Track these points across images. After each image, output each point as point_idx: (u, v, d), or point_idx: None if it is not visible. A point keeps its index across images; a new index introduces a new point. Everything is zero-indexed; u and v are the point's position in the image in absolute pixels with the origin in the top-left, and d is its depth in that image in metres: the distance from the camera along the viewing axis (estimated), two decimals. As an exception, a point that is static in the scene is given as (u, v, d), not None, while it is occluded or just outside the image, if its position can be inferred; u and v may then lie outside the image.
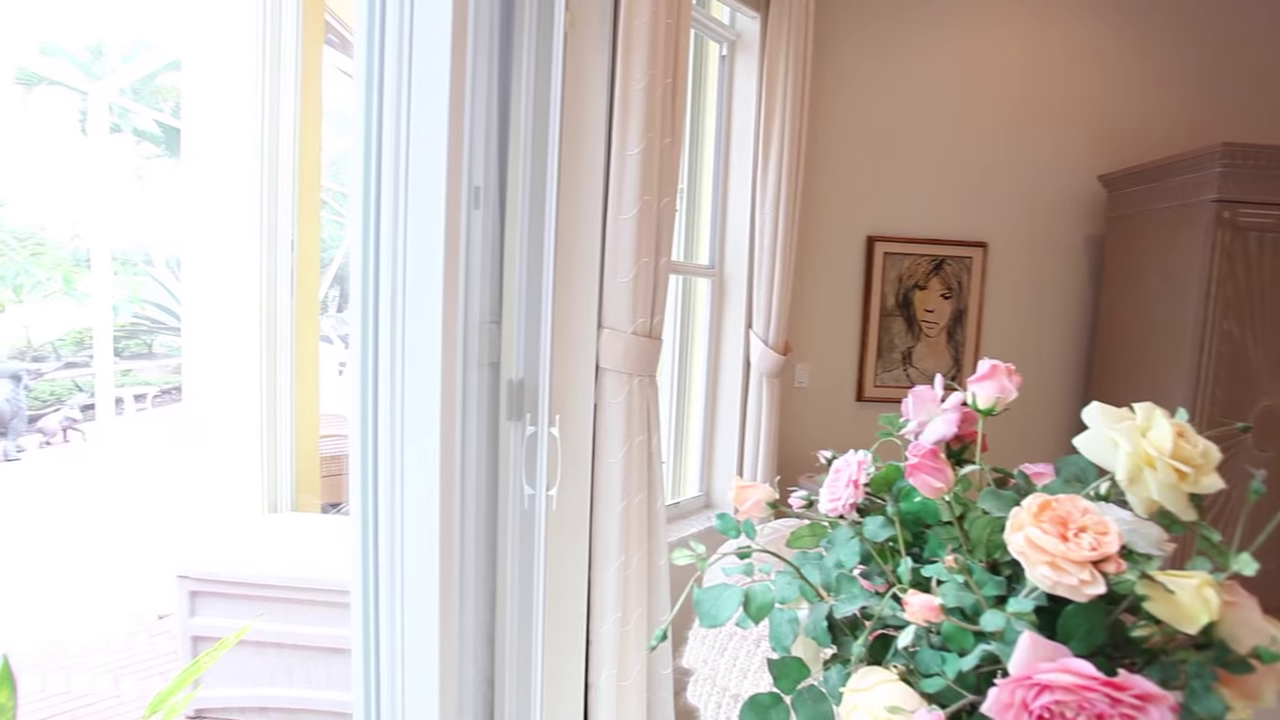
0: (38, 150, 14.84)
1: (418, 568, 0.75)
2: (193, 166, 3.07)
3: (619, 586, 1.72)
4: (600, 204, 1.62)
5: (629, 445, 1.67)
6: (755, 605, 0.72)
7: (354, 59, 2.71)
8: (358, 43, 0.74)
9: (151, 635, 3.07)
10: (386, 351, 0.70)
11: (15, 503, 4.91)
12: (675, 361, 2.70)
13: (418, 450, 0.72)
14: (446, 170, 0.70)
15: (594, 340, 1.64)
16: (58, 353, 9.36)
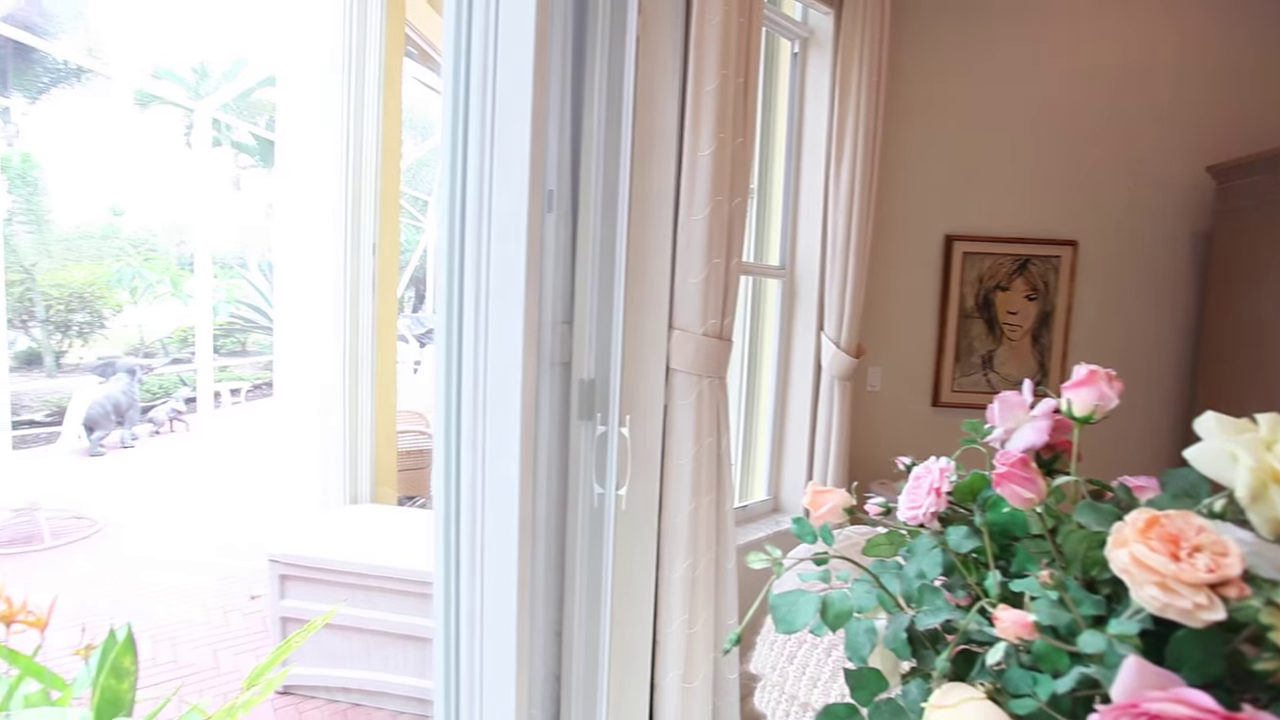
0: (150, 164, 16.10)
1: (497, 562, 0.77)
2: (285, 175, 3.27)
3: (687, 588, 1.71)
4: (671, 206, 1.62)
5: (699, 447, 1.66)
6: (833, 613, 0.71)
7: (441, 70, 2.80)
8: (445, 54, 0.77)
9: (245, 614, 3.28)
10: (470, 352, 0.73)
11: (130, 486, 5.35)
12: (744, 363, 2.68)
13: (498, 448, 0.74)
14: (529, 175, 0.72)
15: (664, 341, 1.64)
16: (166, 349, 10.16)
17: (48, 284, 9.29)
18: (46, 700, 1.30)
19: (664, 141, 1.65)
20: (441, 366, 0.79)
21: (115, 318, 10.18)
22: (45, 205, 11.06)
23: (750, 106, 1.77)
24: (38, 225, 10.82)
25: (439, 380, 0.80)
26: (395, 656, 2.48)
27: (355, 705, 2.56)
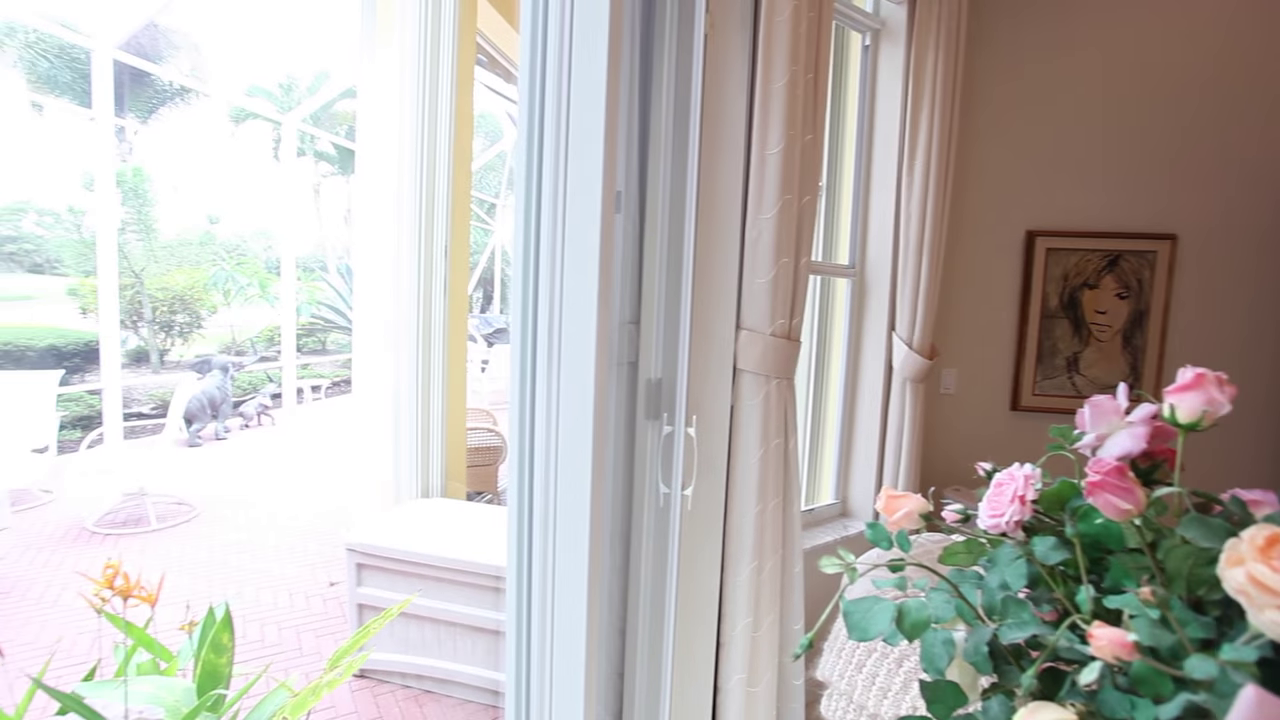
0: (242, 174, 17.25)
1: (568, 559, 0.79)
2: (363, 182, 3.42)
3: (752, 591, 1.70)
4: (740, 204, 1.61)
5: (765, 448, 1.64)
6: (909, 622, 0.68)
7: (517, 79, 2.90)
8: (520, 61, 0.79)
9: (325, 600, 3.45)
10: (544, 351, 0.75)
11: (223, 475, 5.73)
12: (812, 364, 2.63)
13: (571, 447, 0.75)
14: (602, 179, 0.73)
15: (732, 341, 1.63)
16: (254, 348, 10.82)
17: (154, 287, 10.05)
18: (156, 669, 1.41)
19: (732, 140, 1.63)
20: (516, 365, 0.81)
21: (211, 318, 10.92)
22: (153, 215, 11.98)
23: (820, 102, 1.74)
24: (146, 234, 11.75)
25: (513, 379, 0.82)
26: (465, 647, 2.56)
27: (427, 692, 2.65)
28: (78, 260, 14.21)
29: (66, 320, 10.78)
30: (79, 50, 11.95)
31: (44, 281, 21.50)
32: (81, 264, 13.05)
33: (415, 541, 2.63)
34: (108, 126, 6.12)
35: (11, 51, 14.65)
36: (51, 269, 22.94)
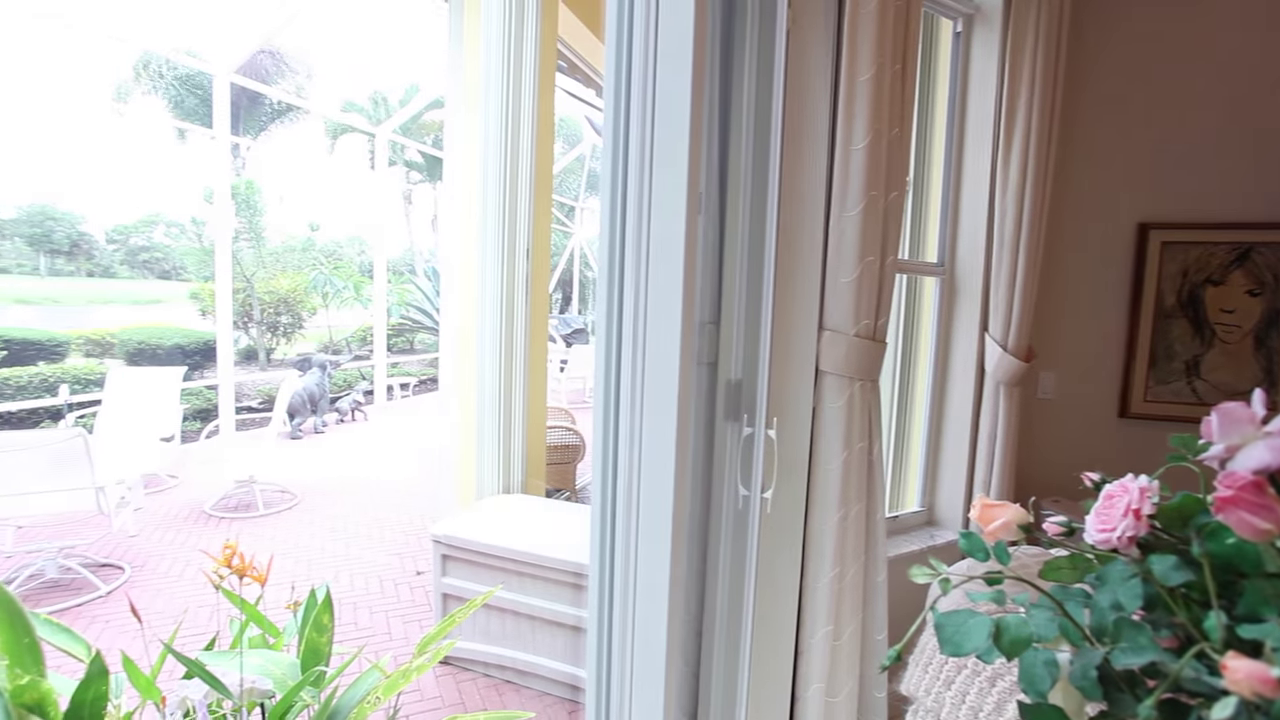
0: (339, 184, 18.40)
1: (650, 558, 0.79)
2: (450, 187, 3.57)
3: (832, 598, 1.65)
4: (823, 202, 1.57)
5: (848, 452, 1.60)
6: (1008, 639, 0.65)
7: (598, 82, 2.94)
8: (606, 66, 0.80)
9: (411, 588, 3.62)
10: (628, 351, 0.76)
11: (321, 466, 6.11)
12: (897, 366, 2.53)
13: (654, 446, 0.76)
14: (687, 181, 0.73)
15: (814, 342, 1.59)
16: (349, 347, 11.48)
17: (262, 291, 10.85)
18: (265, 644, 1.52)
19: (815, 136, 1.60)
20: (600, 367, 0.82)
21: (311, 319, 11.68)
22: (262, 224, 12.94)
23: (908, 95, 1.67)
24: (256, 241, 12.71)
25: (598, 380, 0.83)
26: (544, 640, 2.62)
27: (507, 682, 2.73)
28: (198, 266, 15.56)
29: (189, 321, 11.82)
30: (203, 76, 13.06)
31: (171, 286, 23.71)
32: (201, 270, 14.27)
33: (497, 535, 2.71)
34: (225, 144, 6.67)
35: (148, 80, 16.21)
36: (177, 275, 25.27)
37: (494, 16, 3.16)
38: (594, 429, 0.81)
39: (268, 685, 1.30)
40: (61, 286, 28.90)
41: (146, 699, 1.28)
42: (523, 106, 3.21)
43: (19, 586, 3.46)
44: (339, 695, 1.36)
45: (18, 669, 1.14)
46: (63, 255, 31.79)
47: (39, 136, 24.59)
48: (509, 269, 3.19)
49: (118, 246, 33.24)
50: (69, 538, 3.74)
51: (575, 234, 15.86)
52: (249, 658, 1.35)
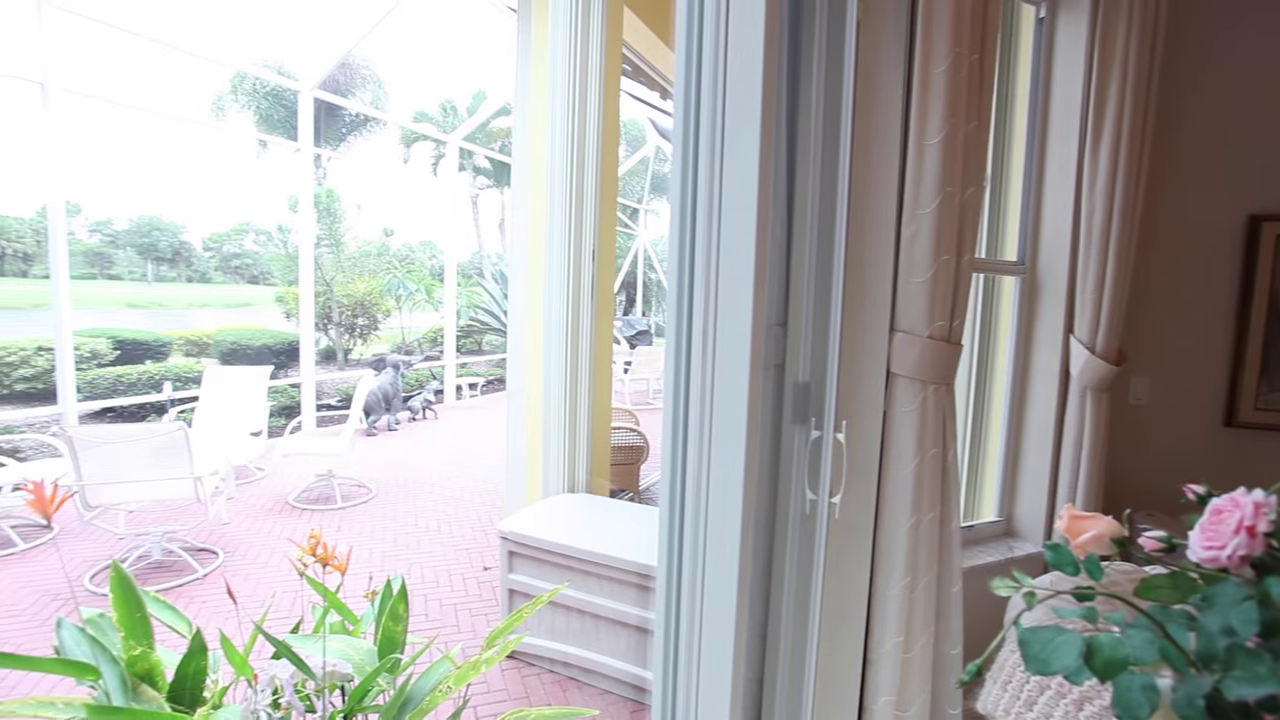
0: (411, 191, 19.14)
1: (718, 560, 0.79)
2: (518, 191, 3.65)
3: (903, 608, 1.60)
4: (895, 200, 1.53)
5: (921, 457, 1.54)
6: (1102, 659, 0.61)
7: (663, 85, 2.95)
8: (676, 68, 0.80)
9: (479, 582, 3.72)
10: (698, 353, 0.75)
11: (394, 462, 6.37)
12: (973, 369, 2.43)
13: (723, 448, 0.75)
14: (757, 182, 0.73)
15: (885, 344, 1.55)
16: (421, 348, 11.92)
17: (340, 294, 11.40)
18: (344, 630, 1.60)
19: (886, 132, 1.55)
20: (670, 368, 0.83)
21: (385, 321, 12.19)
22: (340, 231, 13.61)
23: (986, 86, 1.60)
24: (336, 247, 13.37)
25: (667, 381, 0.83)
26: (607, 639, 2.64)
27: (571, 679, 2.77)
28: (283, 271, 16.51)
29: (275, 323, 12.56)
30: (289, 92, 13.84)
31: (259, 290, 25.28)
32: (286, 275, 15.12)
33: (563, 534, 2.75)
34: (308, 155, 7.04)
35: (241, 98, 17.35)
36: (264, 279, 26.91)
37: (560, 24, 3.22)
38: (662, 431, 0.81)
39: (347, 669, 1.37)
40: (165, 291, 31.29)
41: (240, 675, 1.37)
42: (588, 111, 3.25)
43: (129, 566, 3.76)
44: (412, 682, 1.41)
45: (132, 640, 1.24)
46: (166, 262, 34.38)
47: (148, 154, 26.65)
48: (575, 271, 3.24)
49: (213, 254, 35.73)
50: (171, 523, 4.03)
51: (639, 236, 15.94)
52: (330, 642, 1.42)
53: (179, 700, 1.31)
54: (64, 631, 1.30)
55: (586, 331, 3.30)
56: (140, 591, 1.36)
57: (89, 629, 1.29)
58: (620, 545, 2.61)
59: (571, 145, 3.22)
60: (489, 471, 6.09)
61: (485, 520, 4.76)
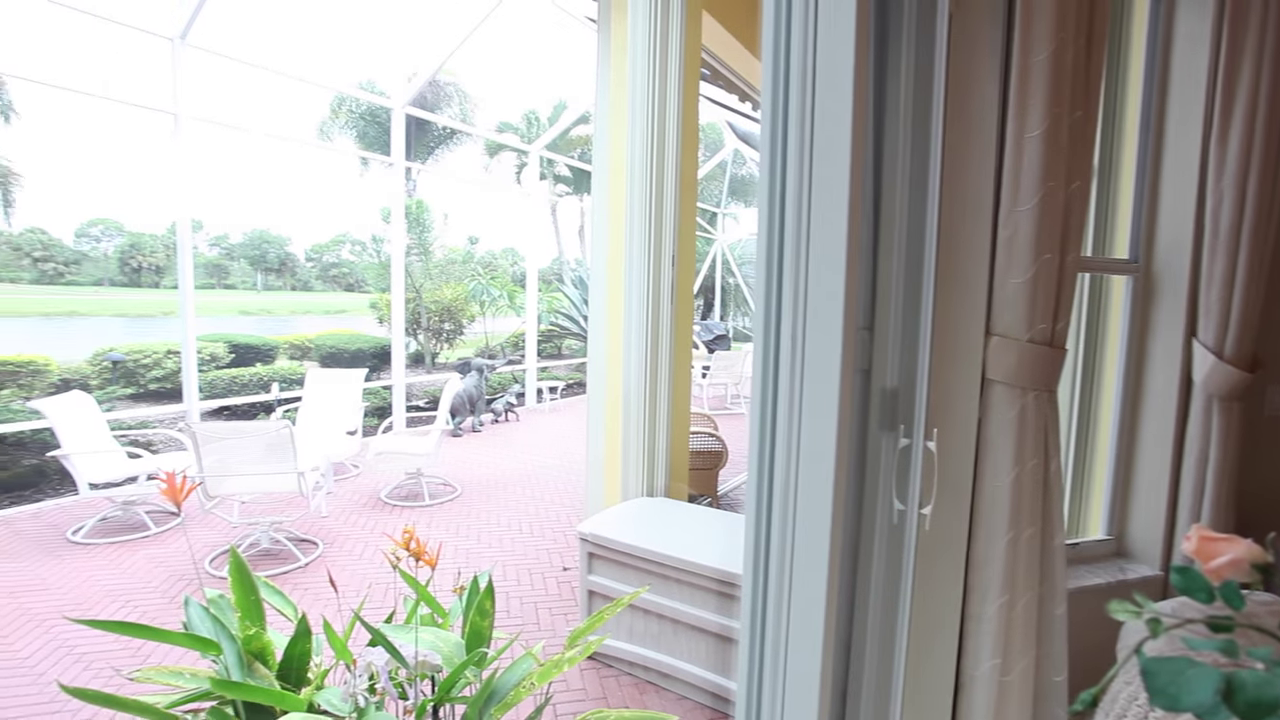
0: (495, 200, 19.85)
1: (806, 569, 0.77)
2: (598, 197, 3.71)
3: (1000, 628, 1.51)
4: (991, 196, 1.45)
5: (1020, 469, 1.45)
6: (1246, 699, 0.55)
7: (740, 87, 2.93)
8: (764, 69, 0.79)
9: (558, 582, 3.79)
10: (786, 359, 0.74)
11: (478, 462, 6.60)
12: (1077, 375, 2.27)
13: (812, 455, 0.74)
14: (849, 180, 0.71)
15: (980, 348, 1.47)
16: (503, 352, 12.30)
17: (429, 300, 11.93)
18: (433, 622, 1.67)
19: (981, 124, 1.47)
20: (757, 374, 0.81)
21: (469, 326, 12.66)
22: (429, 240, 14.27)
23: (1094, 71, 1.49)
24: (424, 255, 14.03)
25: (754, 387, 0.82)
26: (684, 644, 2.63)
27: (649, 683, 2.77)
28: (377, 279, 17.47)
29: (368, 328, 13.30)
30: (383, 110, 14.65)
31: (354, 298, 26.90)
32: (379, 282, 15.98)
33: (642, 537, 2.76)
34: (400, 169, 7.43)
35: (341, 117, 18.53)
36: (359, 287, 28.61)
37: (640, 31, 3.25)
38: (749, 436, 0.80)
39: (437, 660, 1.43)
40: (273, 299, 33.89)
41: (340, 659, 1.45)
42: (668, 116, 3.27)
43: (241, 553, 4.07)
44: (498, 676, 1.45)
45: (247, 621, 1.34)
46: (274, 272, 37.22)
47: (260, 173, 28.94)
48: (654, 276, 3.26)
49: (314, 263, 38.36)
50: (277, 514, 4.33)
51: (717, 240, 15.86)
52: (421, 634, 1.48)
53: (286, 678, 1.40)
54: (191, 609, 1.43)
55: (666, 336, 3.31)
56: (254, 576, 1.47)
57: (211, 608, 1.41)
58: (700, 550, 2.60)
59: (651, 150, 3.24)
60: (568, 473, 6.21)
61: (564, 521, 4.85)
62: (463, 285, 12.78)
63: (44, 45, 15.88)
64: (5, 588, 3.55)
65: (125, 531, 4.38)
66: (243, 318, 25.78)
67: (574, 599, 3.54)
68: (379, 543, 4.32)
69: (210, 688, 1.25)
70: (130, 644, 3.01)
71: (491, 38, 19.58)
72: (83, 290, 33.63)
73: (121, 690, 1.33)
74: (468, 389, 7.97)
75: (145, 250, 35.13)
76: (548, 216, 22.31)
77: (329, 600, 3.44)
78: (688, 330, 3.66)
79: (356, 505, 5.13)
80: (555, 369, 12.08)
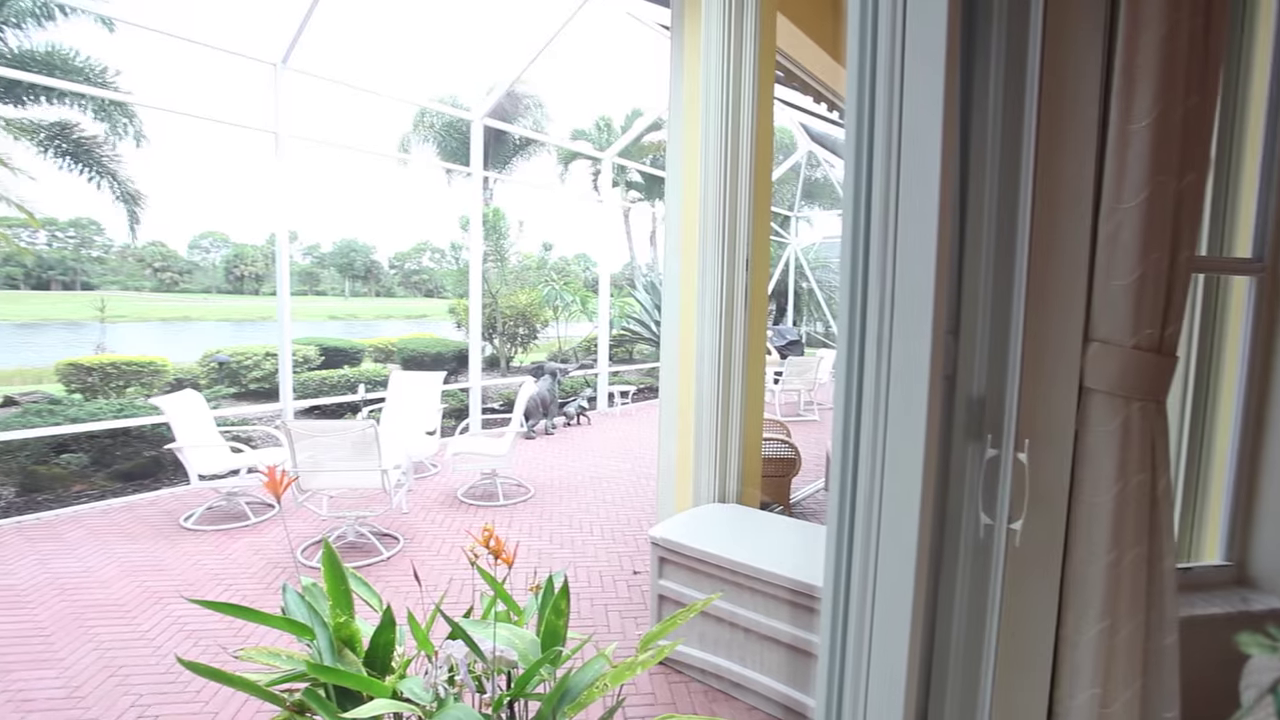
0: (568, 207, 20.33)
1: (890, 583, 0.74)
2: (671, 202, 3.71)
3: (1100, 656, 1.40)
4: (1090, 192, 1.36)
5: (1123, 485, 1.35)
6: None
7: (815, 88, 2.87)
8: (849, 70, 0.77)
9: (629, 585, 3.81)
10: (872, 364, 0.72)
11: (550, 464, 6.73)
12: (1189, 384, 2.09)
13: (898, 465, 0.71)
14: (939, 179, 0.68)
15: (1078, 355, 1.38)
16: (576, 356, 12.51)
17: (504, 305, 12.29)
18: (508, 619, 1.71)
19: (1079, 115, 1.38)
20: (841, 378, 0.79)
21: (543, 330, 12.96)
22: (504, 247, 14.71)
23: (1213, 54, 1.38)
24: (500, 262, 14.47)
25: (837, 392, 0.80)
26: (757, 654, 2.59)
27: (719, 691, 2.74)
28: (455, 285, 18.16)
29: (447, 332, 13.84)
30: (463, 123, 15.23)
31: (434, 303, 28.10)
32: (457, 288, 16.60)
33: (713, 543, 2.74)
34: (478, 179, 7.69)
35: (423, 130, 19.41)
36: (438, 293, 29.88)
37: (713, 35, 3.25)
38: (831, 445, 0.78)
39: (513, 656, 1.46)
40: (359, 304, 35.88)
41: (421, 650, 1.51)
42: (742, 120, 3.24)
43: (330, 546, 4.31)
44: (571, 675, 1.47)
45: (338, 609, 1.41)
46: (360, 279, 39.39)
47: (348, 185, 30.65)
48: (729, 280, 3.24)
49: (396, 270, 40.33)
50: (362, 509, 4.56)
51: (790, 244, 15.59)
52: (498, 630, 1.52)
53: (372, 666, 1.47)
54: (288, 595, 1.52)
55: (739, 341, 3.28)
56: (344, 567, 1.55)
57: (306, 596, 1.50)
58: (773, 559, 2.55)
59: (725, 154, 3.23)
60: (639, 477, 6.24)
61: (635, 525, 4.87)
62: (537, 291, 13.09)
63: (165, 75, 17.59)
64: (130, 567, 3.90)
65: (228, 520, 4.72)
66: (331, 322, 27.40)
67: (644, 603, 3.55)
68: (456, 540, 4.47)
69: (306, 670, 1.33)
70: (233, 623, 3.23)
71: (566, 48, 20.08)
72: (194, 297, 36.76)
73: (226, 666, 1.43)
74: (541, 392, 8.15)
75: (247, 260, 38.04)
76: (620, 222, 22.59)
77: (408, 593, 3.59)
78: (762, 335, 3.61)
79: (435, 503, 5.33)
80: (626, 373, 12.18)
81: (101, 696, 2.67)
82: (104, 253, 36.10)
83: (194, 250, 39.34)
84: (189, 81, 26.47)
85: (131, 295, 35.83)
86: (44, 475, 5.77)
